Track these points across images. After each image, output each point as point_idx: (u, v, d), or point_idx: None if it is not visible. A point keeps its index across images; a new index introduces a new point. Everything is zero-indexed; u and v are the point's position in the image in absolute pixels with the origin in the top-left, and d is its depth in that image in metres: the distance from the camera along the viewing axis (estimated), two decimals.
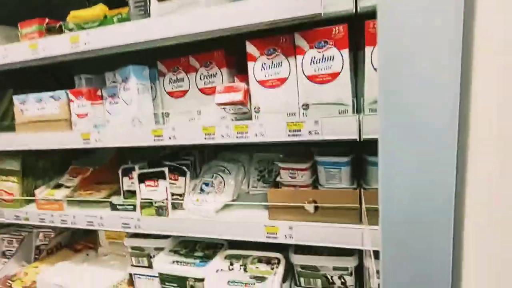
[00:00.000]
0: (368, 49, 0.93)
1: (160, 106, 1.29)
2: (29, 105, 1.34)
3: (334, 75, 0.95)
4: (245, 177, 1.40)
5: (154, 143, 1.11)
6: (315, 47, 0.97)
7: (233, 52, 1.20)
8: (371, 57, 0.93)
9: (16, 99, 1.37)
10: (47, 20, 1.33)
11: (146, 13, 1.12)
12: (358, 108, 0.96)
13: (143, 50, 1.15)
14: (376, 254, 0.56)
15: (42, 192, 1.40)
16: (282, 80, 1.02)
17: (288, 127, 0.97)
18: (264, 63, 1.03)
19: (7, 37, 1.47)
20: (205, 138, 1.05)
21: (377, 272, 0.56)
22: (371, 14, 0.78)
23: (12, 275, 1.50)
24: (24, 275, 1.45)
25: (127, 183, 1.35)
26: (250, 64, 1.05)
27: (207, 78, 1.20)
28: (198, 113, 1.22)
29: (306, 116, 1.00)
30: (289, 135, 0.97)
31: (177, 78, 1.25)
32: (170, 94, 1.27)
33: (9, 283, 1.43)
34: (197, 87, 1.22)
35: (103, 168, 1.56)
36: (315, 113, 0.99)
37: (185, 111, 1.23)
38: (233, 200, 1.25)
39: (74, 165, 1.61)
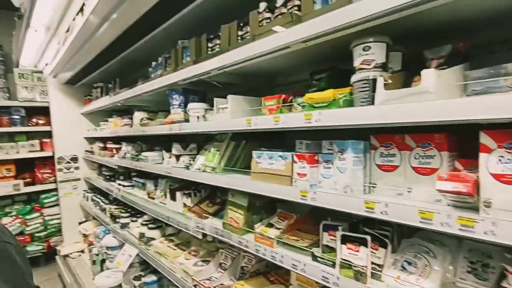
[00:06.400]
0: None
1: (368, 175, 1.40)
2: (262, 160, 1.76)
3: None
4: (450, 264, 1.28)
5: (365, 214, 1.21)
6: None
7: (455, 134, 1.19)
8: None
9: (255, 153, 1.82)
10: (283, 96, 1.75)
11: (369, 97, 1.28)
12: None
13: None
14: None
15: (258, 227, 1.78)
16: None
17: None
18: (502, 156, 0.97)
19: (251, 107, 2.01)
20: (420, 222, 1.07)
21: None
22: None
23: (227, 286, 1.94)
24: None
25: (326, 238, 1.52)
26: (482, 155, 1.01)
27: (422, 158, 1.23)
28: (408, 191, 1.25)
29: None
30: None
31: (388, 153, 1.34)
32: (379, 166, 1.37)
33: None
34: (410, 165, 1.26)
35: (303, 217, 1.81)
36: None
37: (393, 185, 1.29)
38: None
39: (278, 208, 1.95)
